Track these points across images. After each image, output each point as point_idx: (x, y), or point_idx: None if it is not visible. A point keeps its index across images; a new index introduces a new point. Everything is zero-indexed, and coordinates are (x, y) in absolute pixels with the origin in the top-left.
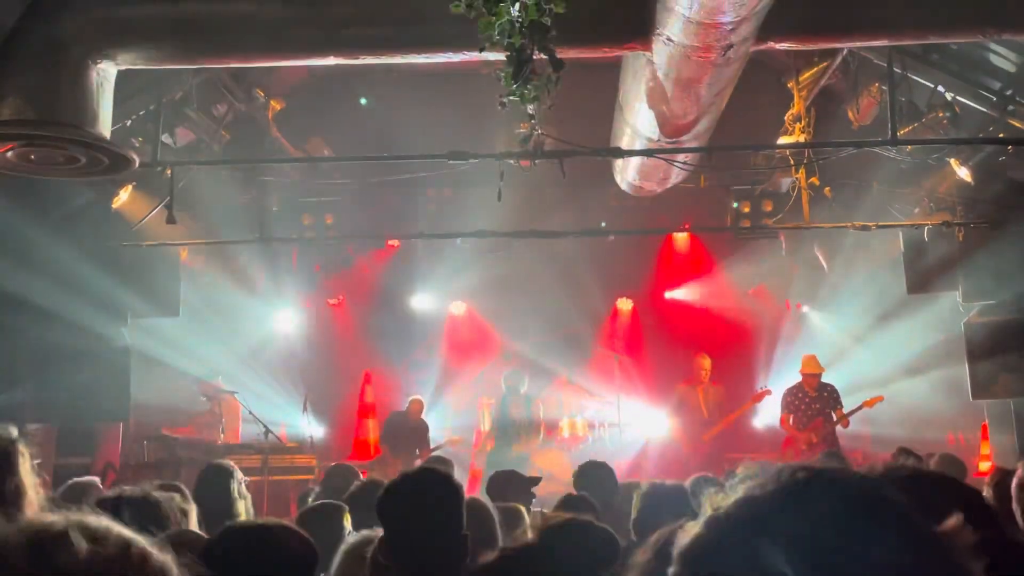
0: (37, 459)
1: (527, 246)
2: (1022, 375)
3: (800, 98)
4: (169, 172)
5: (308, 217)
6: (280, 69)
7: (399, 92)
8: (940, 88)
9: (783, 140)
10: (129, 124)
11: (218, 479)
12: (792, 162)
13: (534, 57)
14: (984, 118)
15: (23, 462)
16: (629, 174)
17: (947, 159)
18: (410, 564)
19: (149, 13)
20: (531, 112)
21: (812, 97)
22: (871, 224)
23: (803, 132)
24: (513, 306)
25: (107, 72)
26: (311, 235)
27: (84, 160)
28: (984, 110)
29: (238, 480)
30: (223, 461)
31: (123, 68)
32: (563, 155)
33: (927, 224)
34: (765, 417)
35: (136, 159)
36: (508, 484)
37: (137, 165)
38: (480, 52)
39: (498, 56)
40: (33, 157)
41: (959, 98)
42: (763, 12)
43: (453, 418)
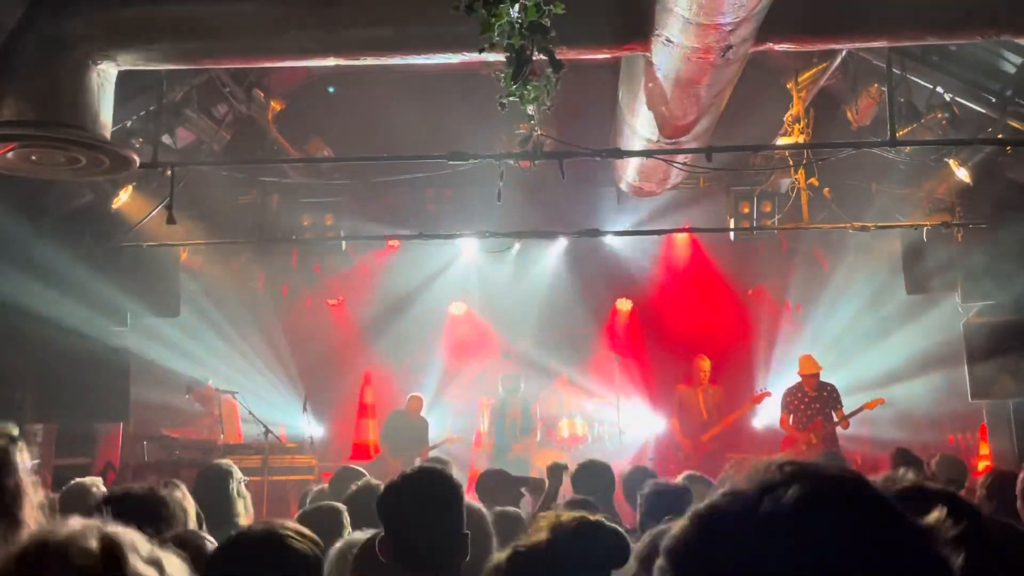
0: (37, 459)
1: (527, 246)
2: (1021, 376)
3: (799, 99)
4: (169, 173)
5: (308, 217)
6: (280, 70)
7: (399, 92)
8: (939, 89)
9: (782, 141)
10: (129, 125)
11: (217, 479)
12: (791, 163)
13: (534, 58)
14: (983, 119)
15: (22, 461)
16: (629, 175)
17: (946, 160)
18: (410, 563)
19: (149, 14)
20: (531, 113)
21: (811, 98)
22: (870, 225)
23: (802, 133)
24: (513, 306)
25: (107, 73)
26: (311, 235)
27: (84, 161)
28: (983, 111)
29: (237, 480)
30: (222, 461)
31: (123, 69)
32: (563, 156)
33: (926, 225)
34: (765, 417)
35: (136, 160)
36: (497, 484)
37: (137, 166)
38: (480, 53)
39: (498, 57)
40: (34, 158)
41: (958, 99)
42: (762, 13)
43: (453, 418)
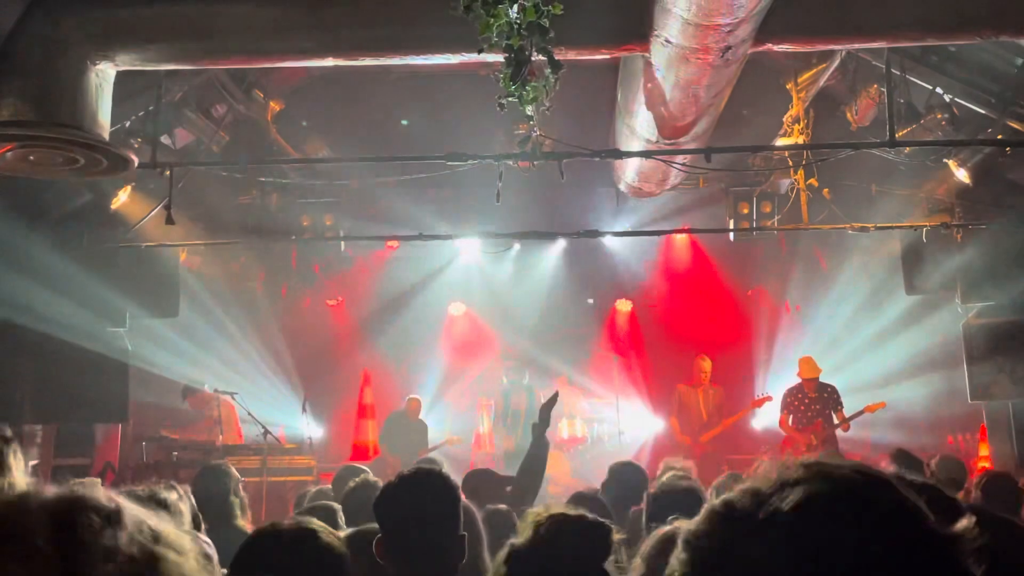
0: (36, 460)
1: (526, 247)
2: (1021, 377)
3: (799, 99)
4: (168, 173)
5: (307, 218)
6: (279, 70)
7: (398, 93)
8: (938, 90)
9: (782, 141)
10: (128, 125)
11: (215, 479)
12: (791, 163)
13: (532, 58)
14: (983, 120)
15: (16, 461)
16: (628, 175)
17: (945, 161)
18: (407, 564)
19: (148, 14)
20: (530, 113)
21: (811, 98)
22: (870, 225)
23: (802, 133)
24: (512, 307)
25: (106, 73)
26: (310, 235)
27: (83, 161)
28: (983, 112)
29: (235, 480)
30: (220, 462)
31: (122, 69)
32: (562, 156)
33: (926, 225)
34: (764, 419)
35: (135, 160)
36: (482, 483)
37: (136, 166)
38: (479, 54)
39: (497, 57)
40: (32, 158)
41: (957, 100)
42: (761, 14)
43: (452, 419)
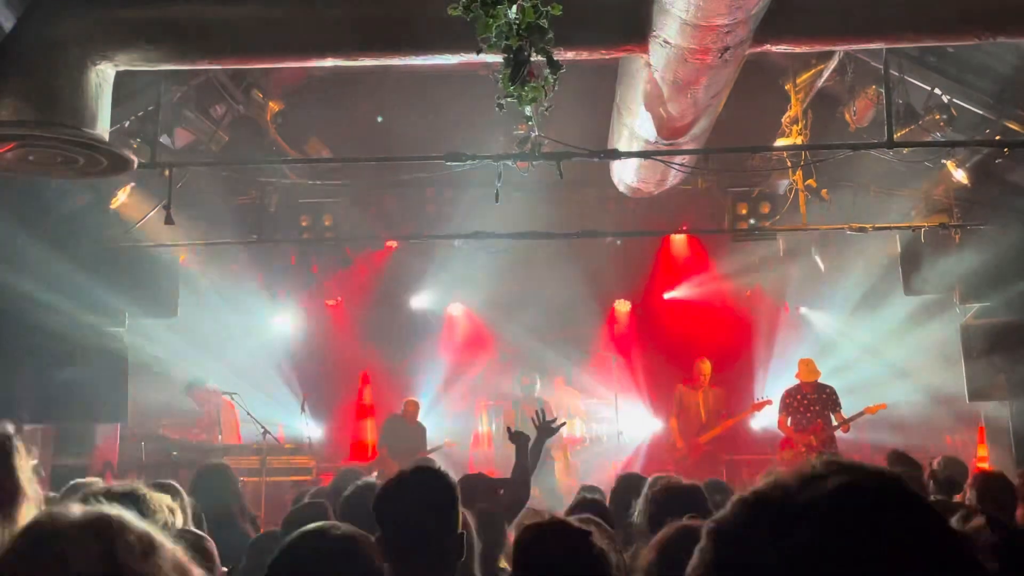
0: (35, 459)
1: (525, 248)
2: (1019, 377)
3: (797, 100)
4: (167, 173)
5: (306, 218)
6: (278, 70)
7: (397, 93)
8: (937, 91)
9: (780, 142)
10: (128, 125)
11: (214, 479)
12: (789, 164)
13: (531, 59)
14: (981, 120)
15: (19, 459)
16: (627, 176)
17: (944, 161)
18: (406, 564)
19: (147, 14)
20: (529, 114)
21: (809, 99)
22: (868, 226)
23: (800, 134)
24: (511, 308)
25: (106, 73)
26: (309, 236)
27: (83, 161)
28: (981, 112)
29: (234, 480)
30: (219, 461)
31: (122, 69)
32: (561, 157)
33: (924, 226)
34: (763, 419)
35: (134, 160)
36: (475, 488)
37: (136, 166)
38: (478, 54)
39: (496, 58)
40: (32, 158)
41: (955, 100)
42: (759, 15)
43: (451, 419)
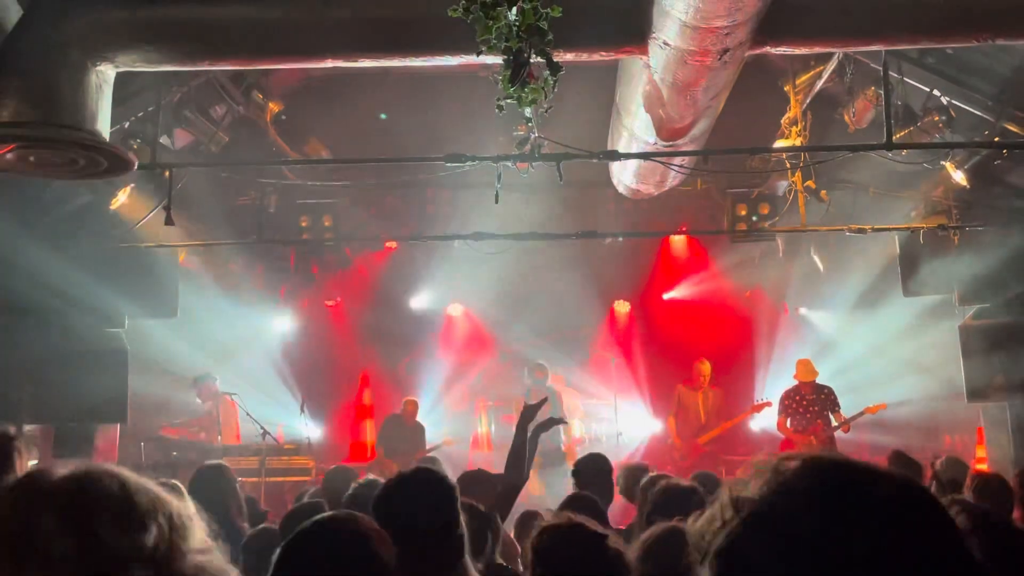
0: (34, 460)
1: (525, 248)
2: (1018, 378)
3: (796, 102)
4: (167, 174)
5: (306, 218)
6: (278, 71)
7: (397, 94)
8: (936, 92)
9: (780, 143)
10: (128, 126)
11: (213, 479)
12: (788, 165)
13: (531, 61)
14: (980, 122)
15: (21, 459)
16: (626, 177)
17: (942, 163)
18: (406, 564)
19: (148, 15)
20: (528, 115)
21: (808, 101)
22: (867, 227)
23: (799, 136)
24: (510, 308)
25: (106, 74)
26: (309, 236)
27: (83, 162)
28: (980, 114)
29: (233, 480)
30: (218, 462)
31: (122, 70)
32: (560, 158)
33: (923, 227)
34: (762, 420)
35: (135, 161)
36: (474, 483)
37: (136, 167)
38: (477, 56)
39: (496, 59)
40: (32, 159)
41: (955, 102)
42: (759, 16)
43: (451, 419)
